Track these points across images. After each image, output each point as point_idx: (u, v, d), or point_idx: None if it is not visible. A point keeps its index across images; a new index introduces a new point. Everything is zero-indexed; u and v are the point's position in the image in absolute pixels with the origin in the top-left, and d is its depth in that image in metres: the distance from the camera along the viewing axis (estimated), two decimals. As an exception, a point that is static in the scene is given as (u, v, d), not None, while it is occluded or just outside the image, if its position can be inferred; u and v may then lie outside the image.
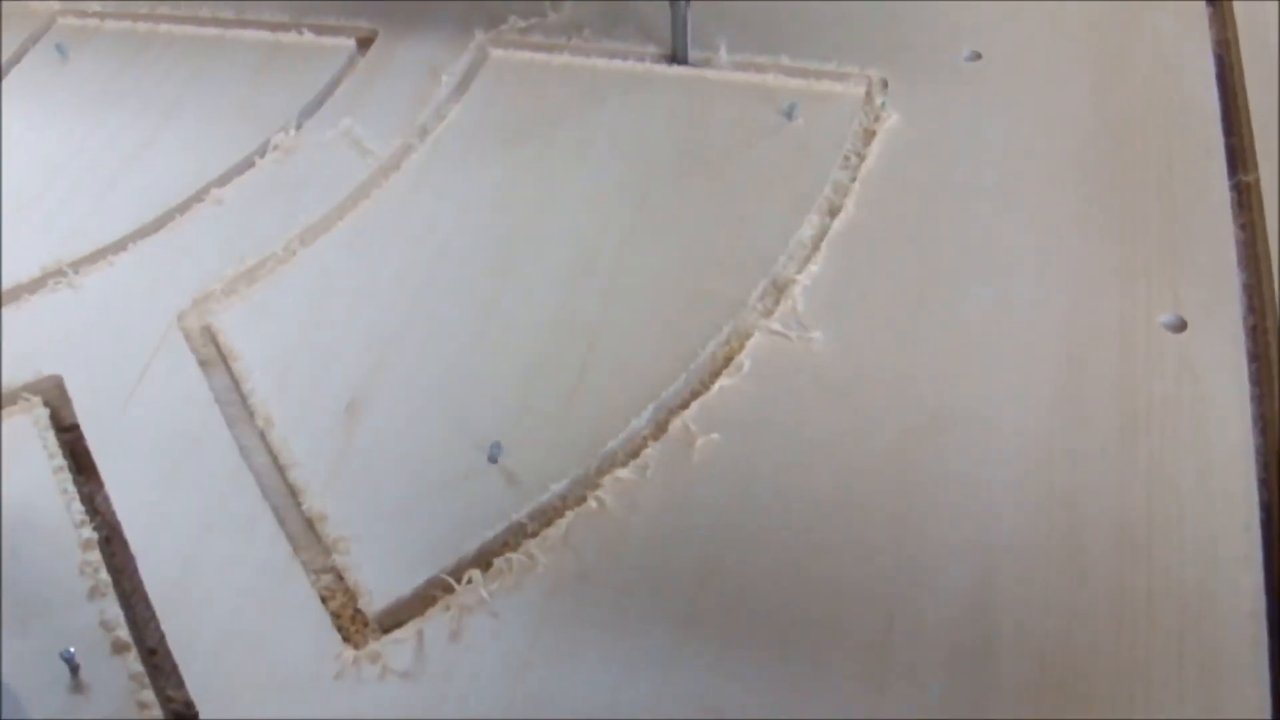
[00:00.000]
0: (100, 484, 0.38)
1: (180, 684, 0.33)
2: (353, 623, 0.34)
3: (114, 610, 0.34)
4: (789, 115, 0.47)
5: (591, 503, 0.36)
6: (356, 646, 0.34)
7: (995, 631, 0.32)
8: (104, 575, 0.35)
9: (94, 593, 0.35)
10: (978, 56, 0.49)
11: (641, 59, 0.51)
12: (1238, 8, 0.50)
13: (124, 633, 0.34)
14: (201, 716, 0.32)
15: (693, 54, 0.50)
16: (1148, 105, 0.46)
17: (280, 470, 0.38)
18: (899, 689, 0.31)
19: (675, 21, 0.49)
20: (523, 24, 0.53)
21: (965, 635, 0.32)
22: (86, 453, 0.39)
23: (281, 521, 0.37)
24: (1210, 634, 0.32)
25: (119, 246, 0.47)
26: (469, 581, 0.34)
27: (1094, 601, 0.33)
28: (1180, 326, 0.39)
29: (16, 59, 0.57)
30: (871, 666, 0.32)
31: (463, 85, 0.51)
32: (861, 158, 0.46)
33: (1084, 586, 0.33)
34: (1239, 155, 0.44)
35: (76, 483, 0.38)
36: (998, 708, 0.31)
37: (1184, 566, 0.33)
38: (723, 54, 0.50)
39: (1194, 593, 0.33)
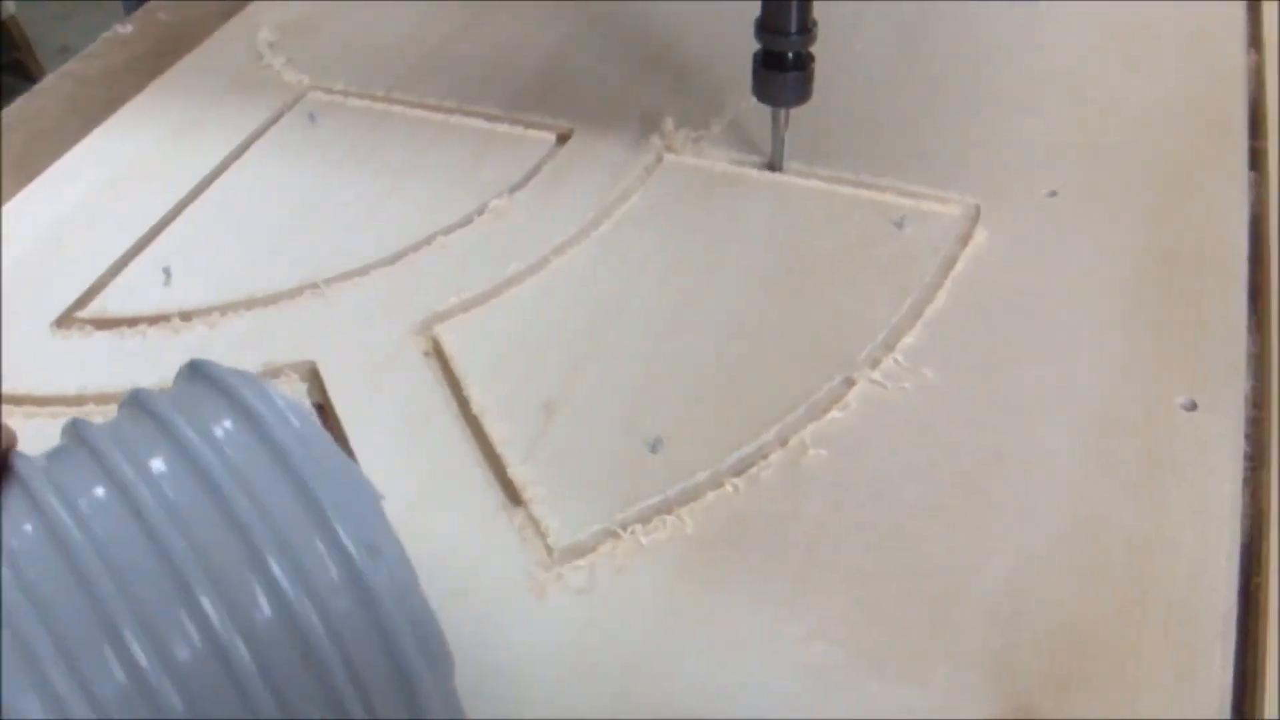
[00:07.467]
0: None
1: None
2: (543, 554, 0.46)
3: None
4: (899, 225, 0.59)
5: (728, 487, 0.48)
6: (544, 571, 0.46)
7: (1022, 615, 0.43)
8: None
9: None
10: (1054, 194, 0.62)
11: (757, 167, 0.64)
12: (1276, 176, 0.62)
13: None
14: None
15: (824, 171, 0.63)
16: (1191, 240, 0.58)
17: (491, 446, 0.50)
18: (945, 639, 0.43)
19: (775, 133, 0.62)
20: (693, 134, 0.66)
21: (999, 610, 0.43)
22: (335, 425, 0.52)
23: (490, 482, 0.49)
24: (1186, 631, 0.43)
25: (361, 272, 0.60)
26: (631, 532, 0.46)
27: (1100, 599, 0.44)
28: (1192, 407, 0.50)
29: (274, 120, 0.71)
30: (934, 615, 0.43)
31: (640, 179, 0.64)
32: (953, 263, 0.58)
33: (1095, 587, 0.44)
34: (1260, 288, 0.56)
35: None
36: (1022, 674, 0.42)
37: (1174, 576, 0.44)
38: (847, 174, 0.63)
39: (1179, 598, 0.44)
